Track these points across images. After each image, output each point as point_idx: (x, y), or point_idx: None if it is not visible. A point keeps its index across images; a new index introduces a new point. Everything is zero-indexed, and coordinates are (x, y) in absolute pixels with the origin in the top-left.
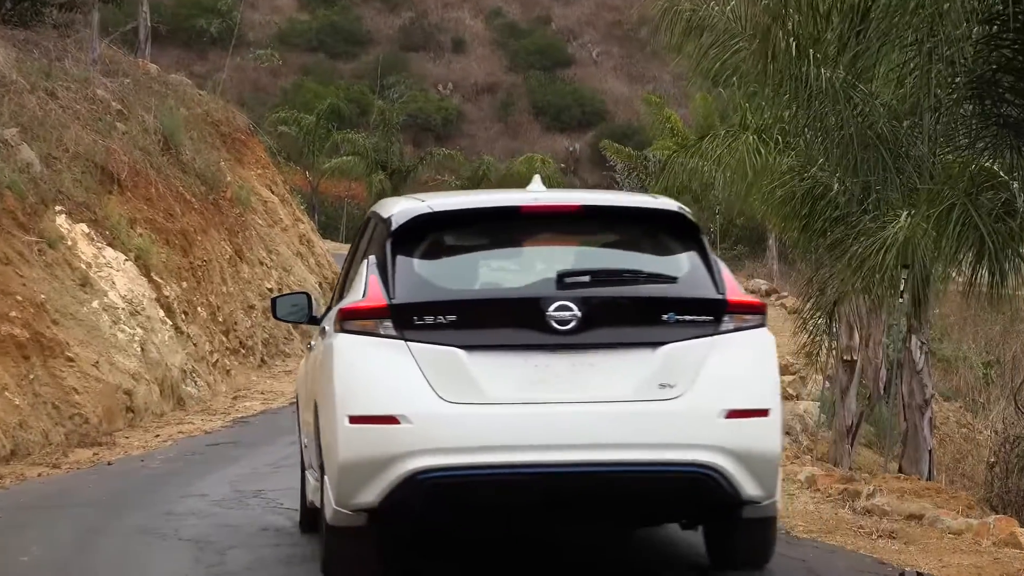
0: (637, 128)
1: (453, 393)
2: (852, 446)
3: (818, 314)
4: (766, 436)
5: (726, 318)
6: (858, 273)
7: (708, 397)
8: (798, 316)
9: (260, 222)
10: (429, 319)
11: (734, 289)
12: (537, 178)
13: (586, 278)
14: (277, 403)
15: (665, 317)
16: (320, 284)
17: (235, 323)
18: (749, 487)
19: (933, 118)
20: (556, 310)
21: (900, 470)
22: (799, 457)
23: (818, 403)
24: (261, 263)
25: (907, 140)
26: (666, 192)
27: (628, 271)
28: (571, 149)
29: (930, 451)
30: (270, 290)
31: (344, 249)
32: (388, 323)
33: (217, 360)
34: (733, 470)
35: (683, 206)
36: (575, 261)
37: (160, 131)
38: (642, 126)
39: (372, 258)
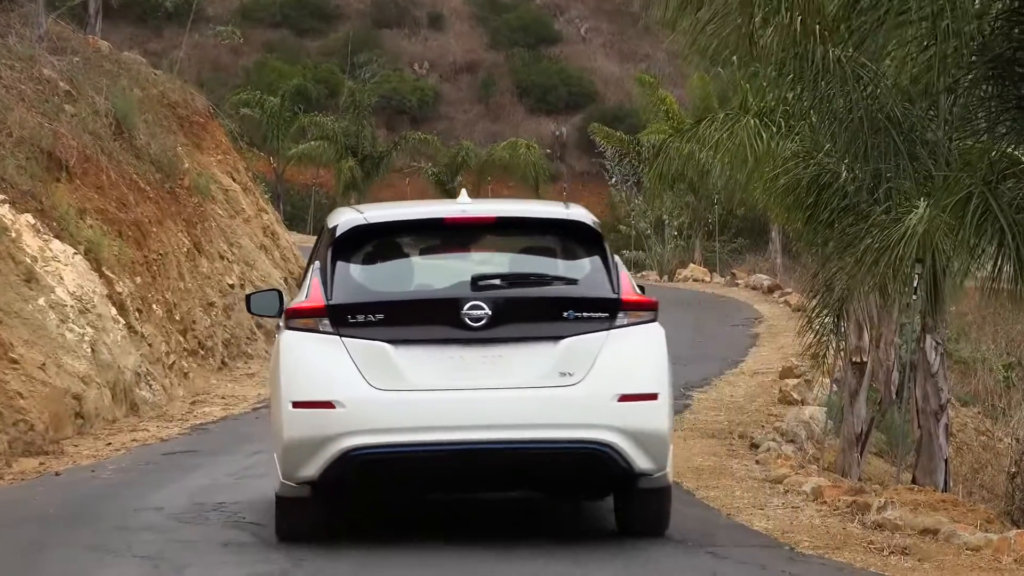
0: (629, 111)
1: (381, 381)
2: (862, 455)
3: (825, 312)
4: (655, 417)
5: (620, 315)
6: (868, 268)
7: (603, 383)
8: (803, 314)
9: (220, 212)
10: (360, 317)
11: (628, 289)
12: (464, 192)
13: (497, 281)
14: (239, 408)
15: (566, 314)
16: (285, 279)
17: (193, 322)
18: (641, 461)
19: (949, 100)
20: (470, 309)
21: (913, 481)
22: (804, 467)
23: (825, 408)
24: (222, 257)
25: (921, 124)
26: (660, 179)
27: (534, 274)
28: (557, 133)
29: (946, 460)
30: (231, 286)
31: (311, 241)
32: (326, 321)
33: (174, 362)
34: (625, 446)
35: (590, 216)
36: (489, 266)
37: (112, 114)
38: (634, 109)
39: (317, 263)
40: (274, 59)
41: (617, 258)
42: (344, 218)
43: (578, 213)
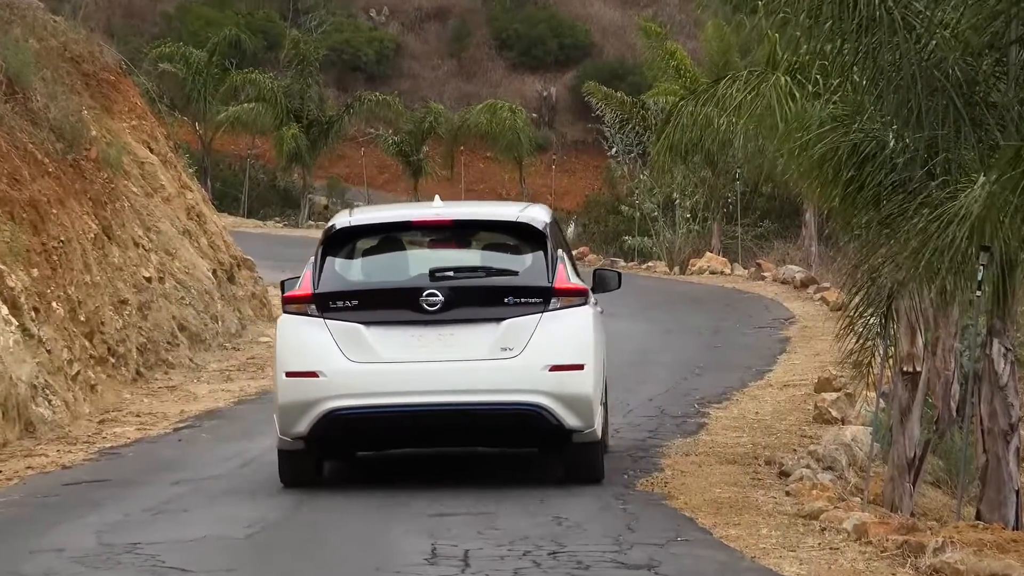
0: (632, 67)
1: (356, 355)
2: (915, 485)
3: (869, 311)
4: (581, 383)
5: (553, 300)
6: (922, 257)
7: (536, 356)
8: (843, 314)
9: (135, 190)
10: (340, 303)
11: (562, 279)
12: (437, 197)
13: (450, 273)
14: (158, 429)
15: (506, 300)
16: (214, 272)
17: (102, 323)
18: (570, 420)
19: (1021, 54)
20: (427, 296)
21: (978, 516)
22: (845, 500)
23: (870, 429)
24: (136, 244)
25: (986, 82)
26: (670, 150)
27: (481, 267)
28: (545, 94)
29: (1017, 491)
30: (148, 280)
31: (246, 226)
32: (313, 306)
33: (78, 372)
34: (556, 407)
35: (542, 218)
36: (446, 261)
37: (3, 70)
38: (639, 65)
39: (312, 258)
40: (200, 4)
41: (561, 251)
42: (336, 220)
43: (528, 215)
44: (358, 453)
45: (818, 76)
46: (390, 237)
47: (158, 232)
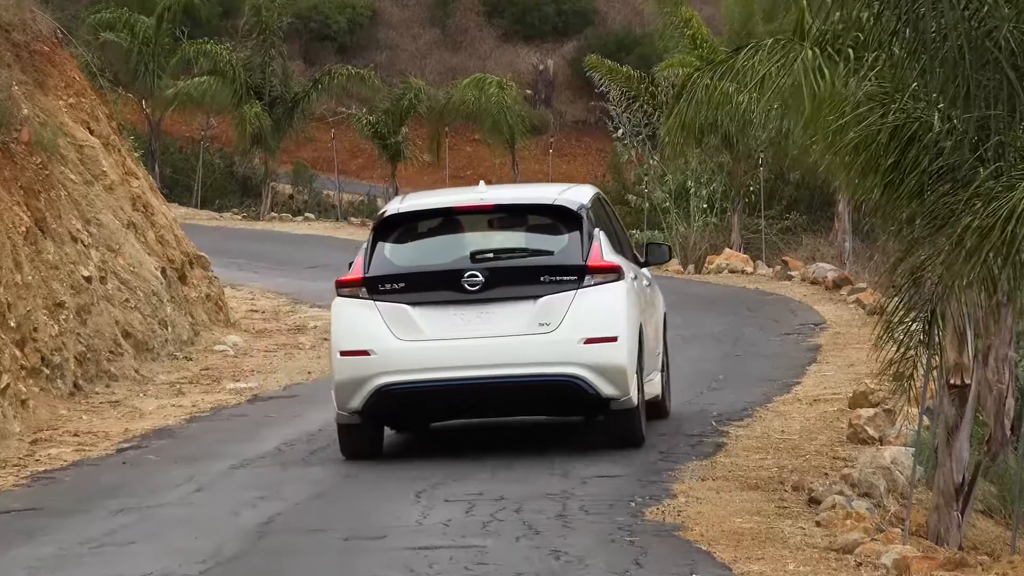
0: (639, 37)
1: (404, 334)
2: (964, 514)
3: (911, 316)
4: (615, 355)
5: (587, 277)
6: (971, 254)
7: (572, 330)
8: (881, 319)
9: (73, 177)
10: (388, 286)
11: (596, 257)
12: (482, 183)
13: (490, 255)
14: (98, 450)
15: (543, 278)
16: (163, 270)
17: (34, 330)
18: (606, 389)
19: None
20: (468, 277)
21: None
22: (884, 531)
23: (912, 450)
24: (74, 239)
25: None
26: (684, 131)
27: (519, 249)
28: (541, 68)
29: None
30: (87, 279)
31: (199, 217)
32: (363, 289)
33: (7, 385)
34: (591, 377)
35: (579, 200)
36: (487, 243)
37: None
38: (648, 34)
39: (364, 244)
40: None
41: (598, 230)
42: (388, 207)
43: (566, 197)
44: (414, 427)
45: (852, 49)
46: (436, 222)
47: (99, 225)
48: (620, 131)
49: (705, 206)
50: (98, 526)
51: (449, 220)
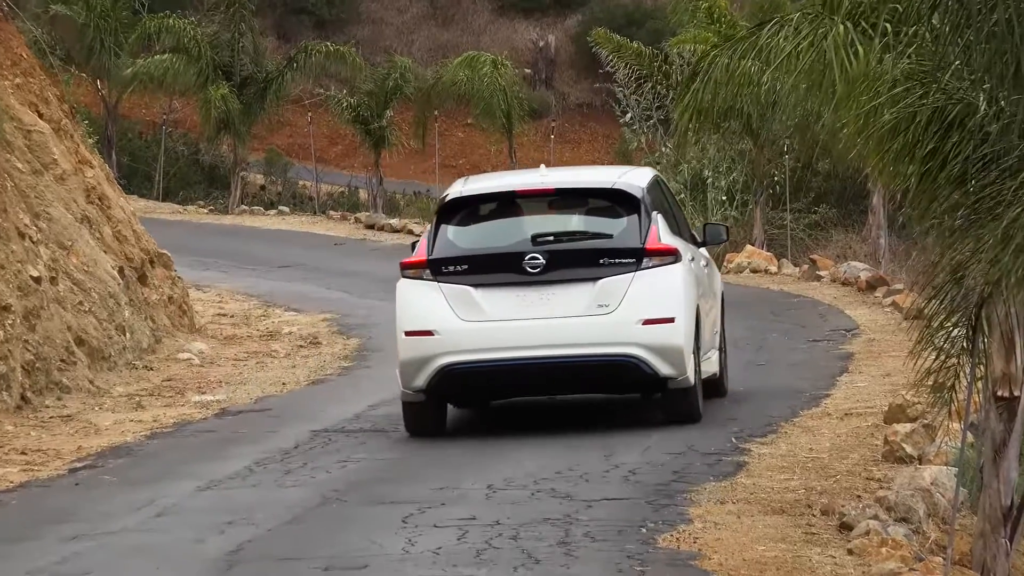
0: (650, 10)
1: (467, 314)
2: (1012, 541)
3: (953, 320)
4: (672, 335)
5: (645, 259)
6: (1021, 251)
7: (630, 312)
8: (920, 323)
9: (20, 166)
10: (451, 268)
11: (654, 240)
12: (543, 165)
13: (550, 237)
14: (49, 469)
15: (602, 261)
16: (121, 270)
17: None
18: (663, 368)
19: None
20: (529, 259)
21: None
22: (923, 560)
23: (955, 470)
24: (21, 235)
25: None
26: (699, 115)
27: (579, 232)
28: (541, 44)
29: None
30: (35, 280)
31: (162, 211)
32: (427, 271)
33: None
34: (649, 357)
35: (638, 183)
36: (547, 226)
37: None
38: (660, 6)
39: (429, 226)
40: None
41: (656, 213)
42: (451, 190)
43: (625, 181)
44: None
45: (887, 23)
46: (498, 205)
47: (49, 220)
48: (628, 115)
49: (724, 198)
50: (48, 555)
51: (510, 203)
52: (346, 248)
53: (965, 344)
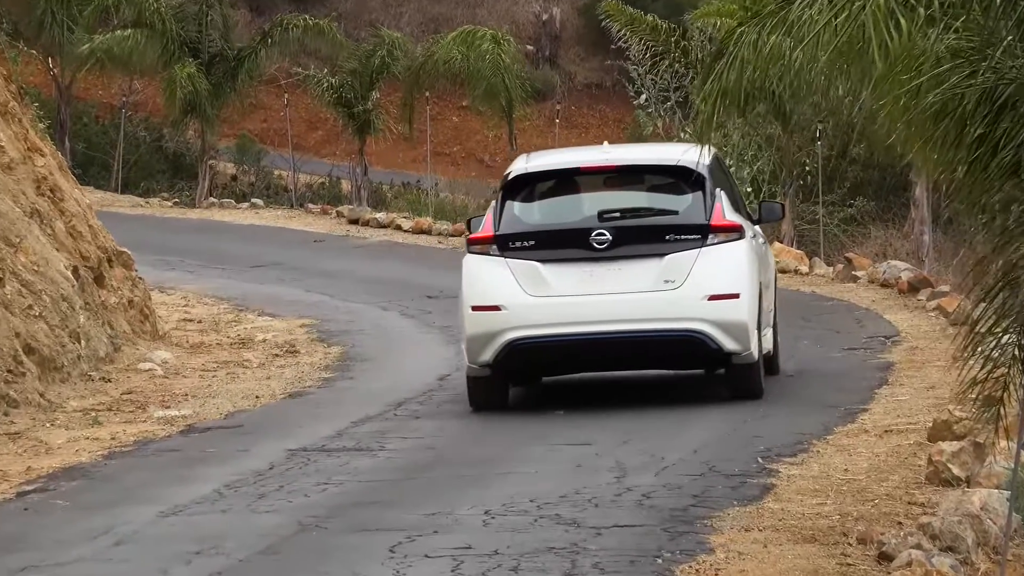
0: None
1: (534, 290)
2: None
3: (1003, 325)
4: (737, 311)
5: (710, 235)
6: None
7: (696, 287)
8: (966, 329)
9: None
10: (518, 243)
11: (719, 216)
12: (606, 143)
13: (617, 214)
14: None
15: (667, 237)
16: (76, 269)
17: None
18: (728, 344)
19: None
20: (596, 235)
21: None
22: None
23: (1007, 493)
24: None
25: None
26: (725, 97)
27: (644, 208)
28: (545, 17)
29: None
30: None
31: (121, 204)
32: (494, 247)
33: None
34: (715, 333)
35: (702, 159)
36: (612, 202)
37: None
38: None
39: (493, 203)
40: None
41: (719, 190)
42: (514, 167)
43: (689, 158)
44: (542, 379)
45: None
46: (562, 182)
47: None
48: (643, 96)
49: (749, 189)
50: None
51: (574, 180)
52: (327, 245)
53: (1016, 352)
